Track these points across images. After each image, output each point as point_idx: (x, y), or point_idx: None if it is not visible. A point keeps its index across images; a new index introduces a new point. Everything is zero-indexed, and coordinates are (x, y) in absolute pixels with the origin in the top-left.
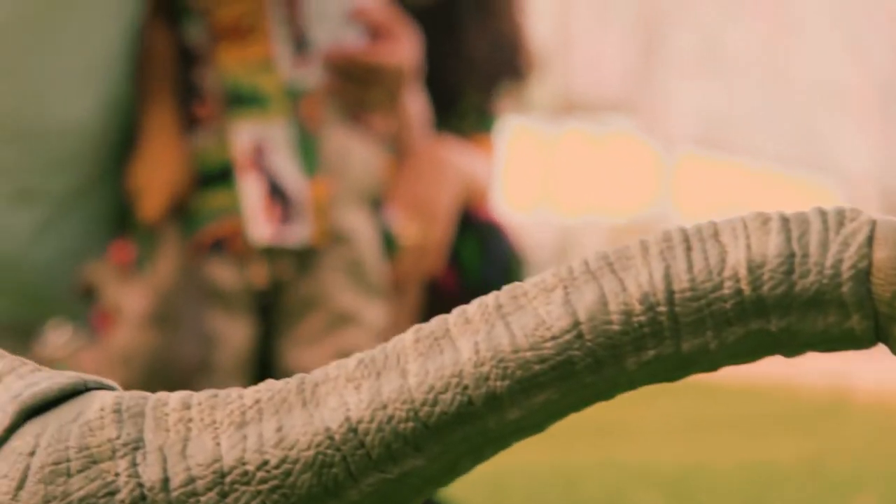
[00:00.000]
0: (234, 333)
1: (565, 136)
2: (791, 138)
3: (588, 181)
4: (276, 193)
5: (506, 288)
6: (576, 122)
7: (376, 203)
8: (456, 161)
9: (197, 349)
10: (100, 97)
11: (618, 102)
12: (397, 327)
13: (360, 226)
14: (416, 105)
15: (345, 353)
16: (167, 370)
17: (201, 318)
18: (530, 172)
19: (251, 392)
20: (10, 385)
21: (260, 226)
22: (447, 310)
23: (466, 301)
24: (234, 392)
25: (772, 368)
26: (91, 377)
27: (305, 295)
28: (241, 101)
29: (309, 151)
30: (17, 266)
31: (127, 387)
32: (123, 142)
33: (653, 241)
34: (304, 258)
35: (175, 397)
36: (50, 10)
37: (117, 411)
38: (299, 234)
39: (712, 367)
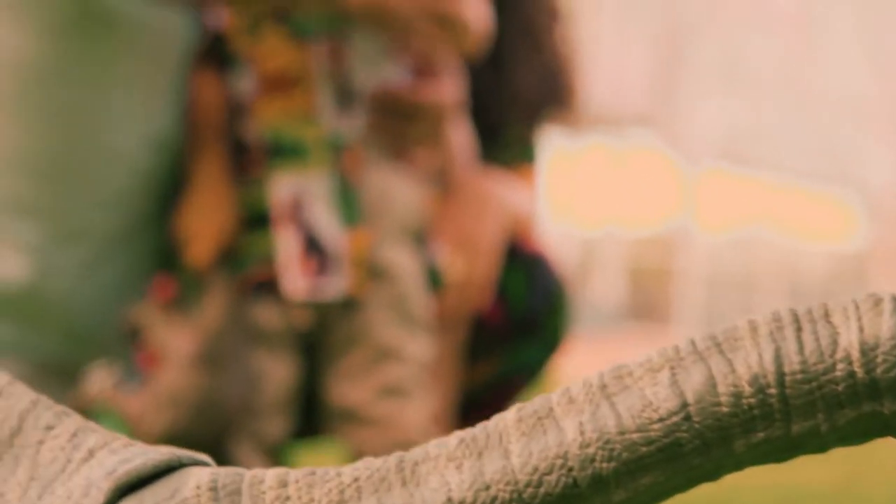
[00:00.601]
0: (279, 372)
1: (587, 149)
2: (813, 153)
3: (610, 195)
4: (313, 246)
5: (610, 367)
6: (598, 135)
7: (420, 238)
8: (500, 193)
9: (242, 389)
10: (148, 137)
11: (640, 116)
12: (444, 361)
13: (402, 262)
14: (460, 138)
15: (389, 389)
16: (213, 410)
17: (247, 357)
18: (552, 185)
19: (349, 470)
20: (103, 461)
21: (294, 279)
22: (493, 343)
23: (511, 334)
24: (332, 470)
25: None
26: (185, 452)
27: (349, 331)
28: (282, 152)
29: (349, 202)
30: (63, 306)
31: (173, 427)
32: (170, 182)
33: (762, 322)
34: (348, 300)
35: (271, 474)
36: (99, 49)
37: (213, 489)
38: (335, 286)
39: (822, 448)
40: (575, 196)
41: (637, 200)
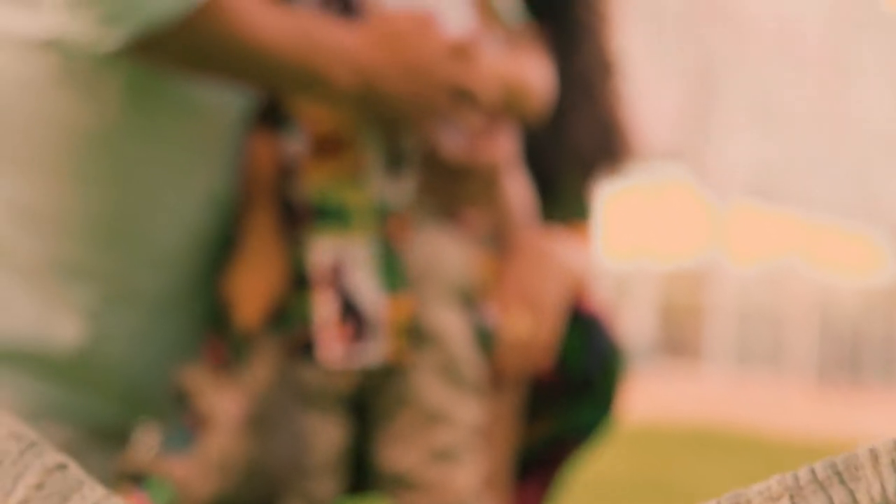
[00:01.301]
0: (327, 434)
1: (619, 183)
2: (843, 188)
3: (641, 228)
4: (351, 311)
5: (727, 495)
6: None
7: (471, 300)
8: (560, 252)
9: (291, 451)
10: (204, 197)
11: (670, 151)
12: (499, 422)
13: (451, 325)
14: (517, 194)
15: (439, 453)
16: (261, 474)
17: (295, 420)
18: None
19: None
20: None
21: (331, 344)
22: (549, 403)
23: (567, 394)
24: None
25: (836, 427)
26: None
27: (396, 394)
28: (325, 214)
29: (392, 268)
30: (115, 369)
31: (221, 492)
32: (223, 242)
33: (883, 450)
34: (391, 365)
35: None
36: (156, 111)
37: None
38: (372, 353)
39: None
40: (606, 229)
41: (668, 235)
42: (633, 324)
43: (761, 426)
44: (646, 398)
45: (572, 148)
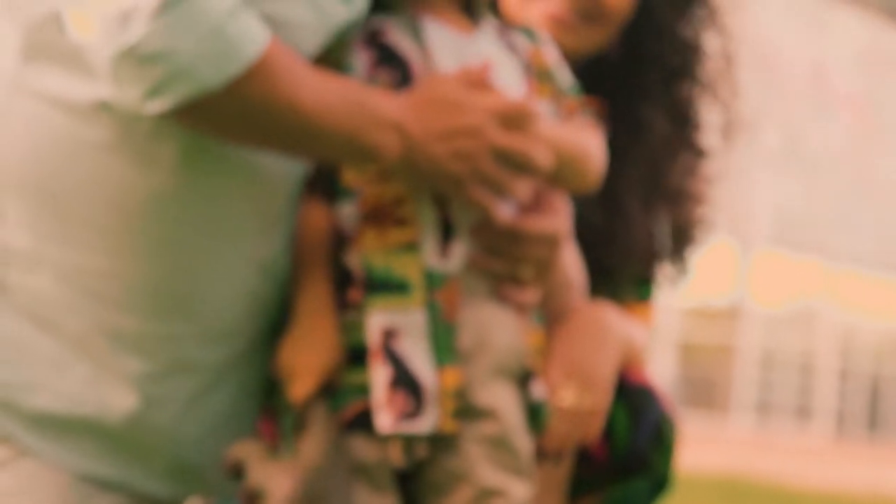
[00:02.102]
0: None
1: None
2: (870, 239)
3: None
4: (404, 382)
5: None
6: None
7: (522, 375)
8: (613, 324)
9: None
10: (259, 266)
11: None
12: (547, 495)
13: (502, 399)
14: (570, 266)
15: None
16: None
17: (348, 494)
18: None
19: None
20: None
21: (384, 414)
22: (597, 477)
23: (615, 468)
24: None
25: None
26: None
27: (447, 470)
28: (379, 284)
29: (444, 339)
30: (167, 439)
31: None
32: (277, 311)
33: None
34: (442, 438)
35: None
36: (211, 180)
37: None
38: (425, 423)
39: None
40: None
41: (692, 281)
42: (656, 365)
43: (783, 475)
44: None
45: (635, 239)
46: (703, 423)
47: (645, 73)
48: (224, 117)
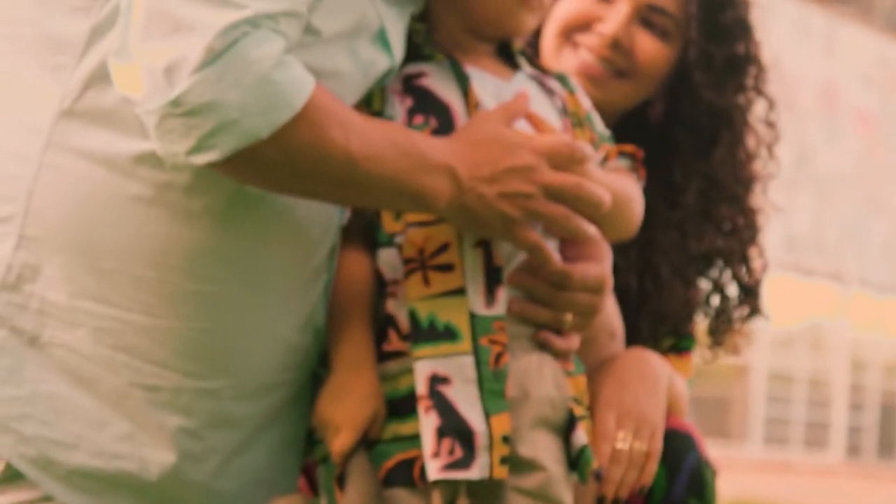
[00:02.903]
0: None
1: None
2: (879, 261)
3: None
4: (453, 429)
5: None
6: None
7: (565, 424)
8: (660, 370)
9: None
10: (299, 316)
11: None
12: None
13: (545, 452)
14: (611, 317)
15: None
16: None
17: None
18: None
19: None
20: None
21: (434, 461)
22: None
23: None
24: None
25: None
26: None
27: None
28: (425, 332)
29: (492, 385)
30: (206, 493)
31: None
32: (315, 363)
33: None
34: (487, 486)
35: None
36: (251, 233)
37: None
38: (476, 470)
39: None
40: None
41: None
42: None
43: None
44: None
45: (663, 308)
46: (714, 449)
47: (681, 135)
48: (272, 166)
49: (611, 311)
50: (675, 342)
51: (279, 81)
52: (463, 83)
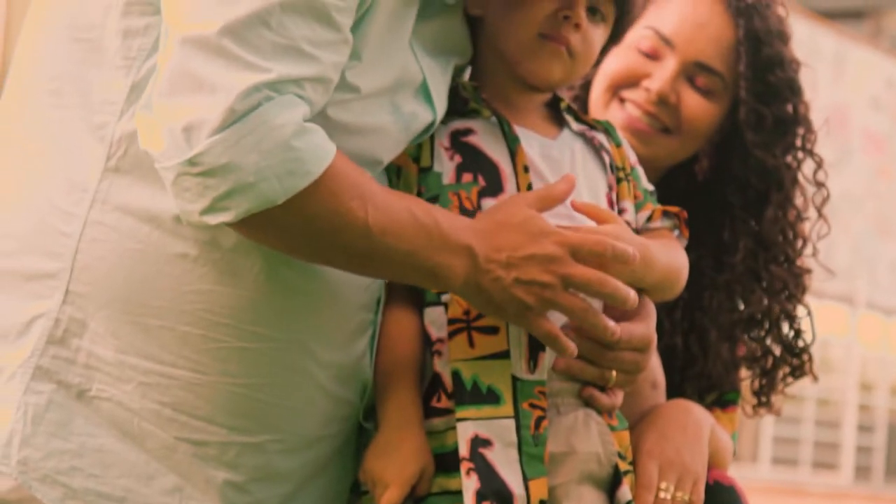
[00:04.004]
0: None
1: None
2: (889, 283)
3: None
4: (493, 492)
5: None
6: None
7: (609, 480)
8: (702, 421)
9: None
10: (340, 376)
11: None
12: None
13: None
14: (655, 371)
15: None
16: None
17: None
18: None
19: None
20: None
21: None
22: None
23: None
24: None
25: None
26: None
27: None
28: (468, 394)
29: (533, 449)
30: None
31: None
32: (359, 415)
33: None
34: None
35: None
36: (292, 292)
37: None
38: None
39: None
40: None
41: None
42: None
43: None
44: None
45: (708, 370)
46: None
47: (730, 194)
48: (286, 231)
49: (654, 364)
50: (720, 395)
51: (299, 148)
52: (511, 143)
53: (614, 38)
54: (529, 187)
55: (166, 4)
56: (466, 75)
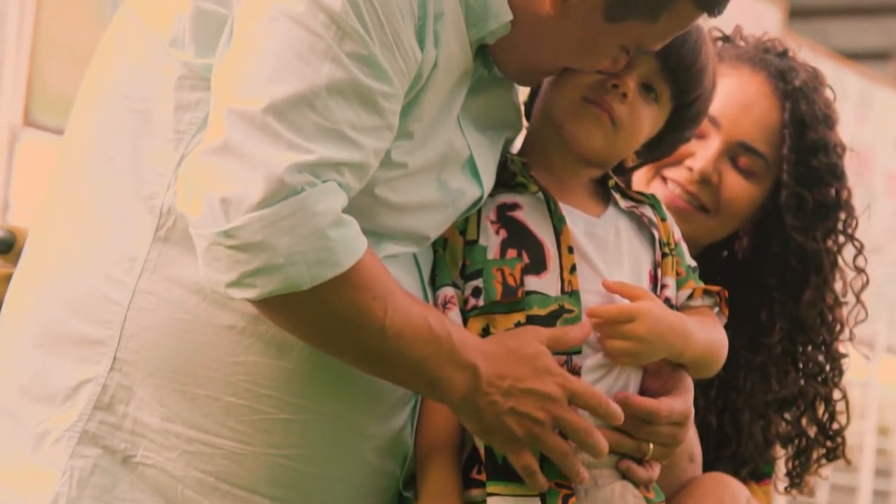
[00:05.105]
0: None
1: None
2: None
3: None
4: None
5: None
6: None
7: None
8: (740, 495)
9: None
10: (381, 447)
11: None
12: None
13: None
14: (692, 443)
15: None
16: None
17: None
18: None
19: None
20: None
21: None
22: None
23: None
24: None
25: None
26: None
27: None
28: (498, 470)
29: None
30: None
31: None
32: (398, 485)
33: None
34: None
35: None
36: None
37: None
38: None
39: None
40: None
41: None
42: None
43: None
44: None
45: (742, 451)
46: None
47: (769, 275)
48: (304, 317)
49: (691, 436)
50: (754, 467)
51: (333, 238)
52: (557, 223)
53: (680, 127)
54: (573, 268)
55: (216, 77)
56: (520, 143)
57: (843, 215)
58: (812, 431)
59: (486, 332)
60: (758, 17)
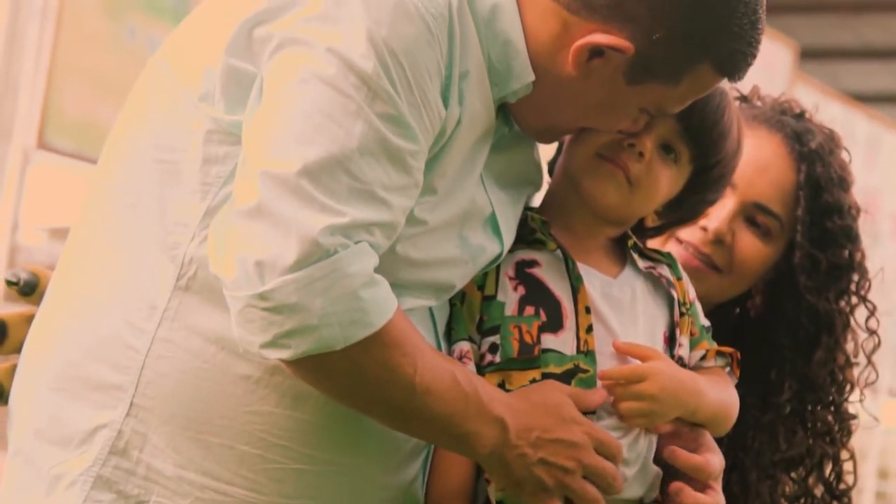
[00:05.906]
0: None
1: None
2: None
3: None
4: None
5: None
6: None
7: None
8: None
9: None
10: (396, 497)
11: None
12: None
13: None
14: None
15: None
16: None
17: None
18: None
19: None
20: None
21: None
22: None
23: None
24: None
25: None
26: None
27: None
28: None
29: None
30: None
31: None
32: None
33: None
34: None
35: None
36: (351, 419)
37: None
38: None
39: None
40: None
41: None
42: None
43: None
44: None
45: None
46: None
47: (780, 334)
48: (335, 377)
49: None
50: None
51: (365, 299)
52: (575, 282)
53: (702, 189)
54: (590, 328)
55: (247, 137)
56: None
57: (856, 277)
58: (819, 491)
59: (501, 388)
60: (769, 58)
